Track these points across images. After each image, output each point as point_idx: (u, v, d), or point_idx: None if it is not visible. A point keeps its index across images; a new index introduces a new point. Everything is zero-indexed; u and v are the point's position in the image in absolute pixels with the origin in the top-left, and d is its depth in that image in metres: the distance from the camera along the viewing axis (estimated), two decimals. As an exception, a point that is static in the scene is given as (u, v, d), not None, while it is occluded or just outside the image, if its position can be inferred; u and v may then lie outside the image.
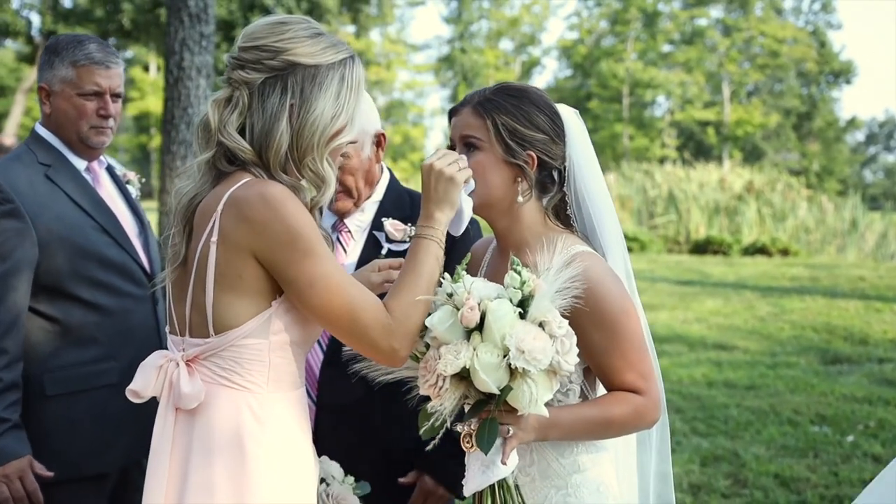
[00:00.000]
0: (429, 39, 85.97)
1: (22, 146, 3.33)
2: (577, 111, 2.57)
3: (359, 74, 2.30)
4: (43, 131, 3.33)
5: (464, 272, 2.22)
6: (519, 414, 2.16)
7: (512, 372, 2.10)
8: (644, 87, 49.22)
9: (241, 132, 2.22)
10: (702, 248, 21.22)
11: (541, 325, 2.12)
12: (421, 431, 2.26)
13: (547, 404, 2.19)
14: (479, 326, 2.13)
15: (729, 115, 49.65)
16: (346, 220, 3.13)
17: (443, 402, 2.16)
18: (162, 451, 2.19)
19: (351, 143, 2.96)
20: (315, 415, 2.98)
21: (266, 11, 36.51)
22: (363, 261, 3.00)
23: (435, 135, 59.46)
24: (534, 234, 2.45)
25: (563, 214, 2.53)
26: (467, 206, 2.37)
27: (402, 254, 2.95)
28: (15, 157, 3.31)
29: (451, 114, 2.52)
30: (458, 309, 2.14)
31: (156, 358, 2.25)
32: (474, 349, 2.11)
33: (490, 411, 2.16)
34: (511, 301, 2.14)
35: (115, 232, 3.26)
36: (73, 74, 3.25)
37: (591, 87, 51.92)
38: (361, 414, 2.95)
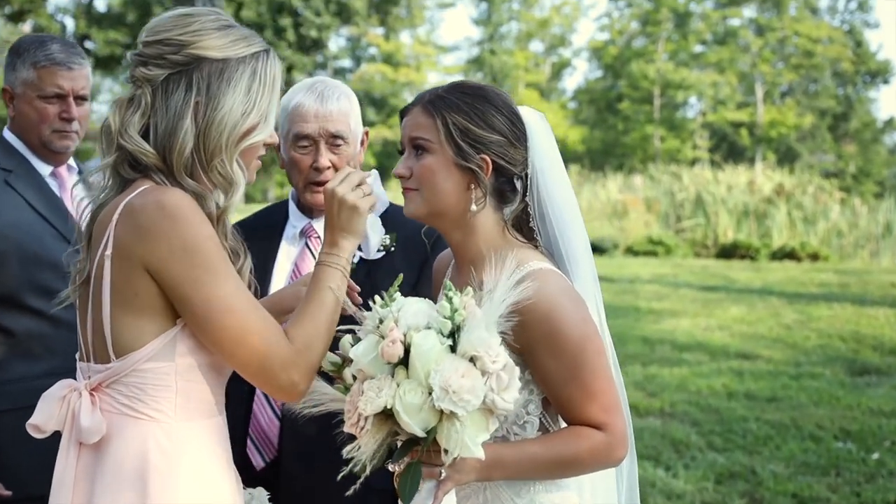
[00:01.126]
0: (458, 41, 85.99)
1: None
2: (543, 114, 2.34)
3: (274, 69, 2.11)
4: (9, 135, 3.24)
5: (397, 294, 2.00)
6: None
7: (441, 412, 1.86)
8: (675, 88, 48.74)
9: (145, 135, 2.03)
10: (729, 252, 20.98)
11: (472, 359, 1.88)
12: (339, 476, 2.04)
13: (498, 438, 2.00)
14: (406, 360, 1.90)
15: (762, 117, 49.02)
16: (315, 226, 2.99)
17: (364, 444, 1.94)
18: (64, 488, 2.01)
19: (338, 136, 2.86)
20: (277, 456, 2.81)
21: (294, 14, 36.70)
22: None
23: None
24: (491, 249, 2.20)
25: (527, 227, 2.30)
26: (376, 229, 2.26)
27: (373, 263, 2.79)
28: None
29: (402, 114, 2.29)
30: (384, 339, 1.91)
31: (58, 388, 2.07)
32: (398, 386, 1.88)
33: (419, 451, 1.94)
34: (442, 332, 1.91)
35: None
36: (34, 76, 3.15)
37: (622, 88, 51.50)
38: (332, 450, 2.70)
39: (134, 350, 1.97)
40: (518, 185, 2.27)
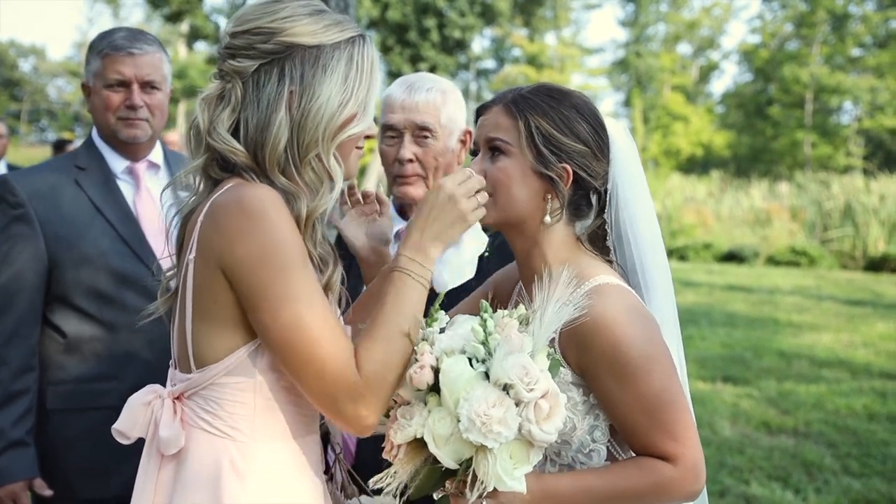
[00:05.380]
0: (604, 43, 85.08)
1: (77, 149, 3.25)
2: (624, 125, 2.17)
3: (371, 55, 1.98)
4: (94, 134, 3.22)
5: (441, 313, 1.88)
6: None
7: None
8: (830, 93, 46.82)
9: (235, 132, 1.93)
10: (878, 265, 20.12)
11: (505, 387, 1.75)
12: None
13: (563, 467, 1.89)
14: (438, 387, 1.79)
15: (924, 124, 46.54)
16: None
17: (393, 473, 1.84)
18: (144, 496, 1.95)
19: (424, 129, 2.78)
20: (354, 464, 2.69)
21: (439, 14, 37.04)
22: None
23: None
24: (558, 263, 2.05)
25: (601, 244, 2.15)
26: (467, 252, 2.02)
27: None
28: (54, 160, 3.25)
29: (479, 112, 2.16)
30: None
31: (144, 394, 1.99)
32: (429, 414, 1.78)
33: (454, 483, 1.83)
34: (475, 358, 1.79)
35: (134, 243, 3.06)
36: (100, 66, 3.10)
37: (773, 92, 49.85)
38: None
39: (213, 362, 1.88)
40: (594, 200, 2.14)
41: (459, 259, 2.02)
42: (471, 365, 1.81)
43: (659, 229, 2.21)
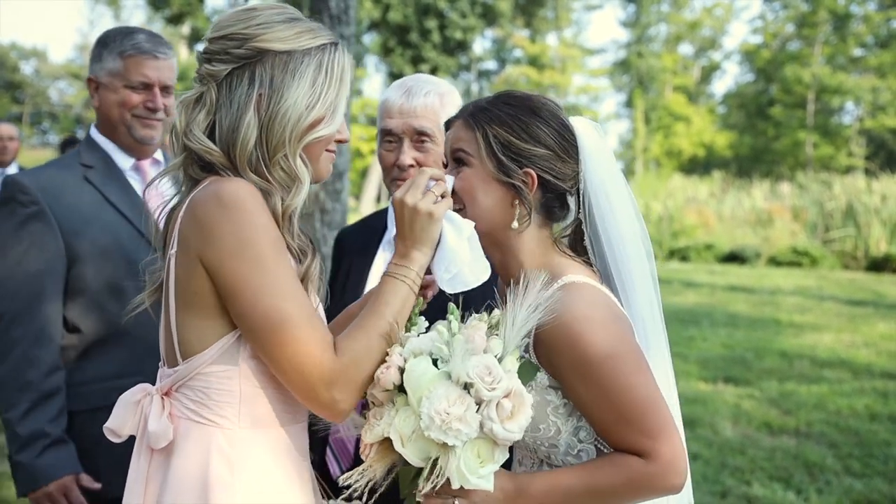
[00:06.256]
0: (605, 43, 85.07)
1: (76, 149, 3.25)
2: (597, 124, 2.16)
3: (341, 61, 2.04)
4: (94, 132, 3.24)
5: (420, 319, 1.93)
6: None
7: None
8: (831, 93, 46.83)
9: (211, 133, 2.00)
10: (880, 265, 20.16)
11: (466, 386, 1.77)
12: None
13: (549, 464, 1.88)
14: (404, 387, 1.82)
15: (925, 123, 46.50)
16: None
17: (362, 471, 1.88)
18: (135, 493, 1.98)
19: (423, 133, 2.78)
20: (353, 465, 2.70)
21: (440, 16, 37.08)
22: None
23: (608, 140, 58.96)
24: (533, 267, 2.06)
25: (581, 245, 2.15)
26: (464, 245, 1.99)
27: None
28: (59, 159, 3.24)
29: (446, 127, 2.19)
30: None
31: (134, 393, 2.04)
32: (396, 414, 1.81)
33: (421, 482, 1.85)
34: (440, 359, 1.81)
35: (151, 236, 3.08)
36: (120, 66, 3.13)
37: (774, 92, 49.86)
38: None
39: (198, 352, 1.92)
40: (570, 201, 2.14)
41: (453, 254, 2.00)
42: (436, 366, 1.84)
43: (642, 226, 2.20)
